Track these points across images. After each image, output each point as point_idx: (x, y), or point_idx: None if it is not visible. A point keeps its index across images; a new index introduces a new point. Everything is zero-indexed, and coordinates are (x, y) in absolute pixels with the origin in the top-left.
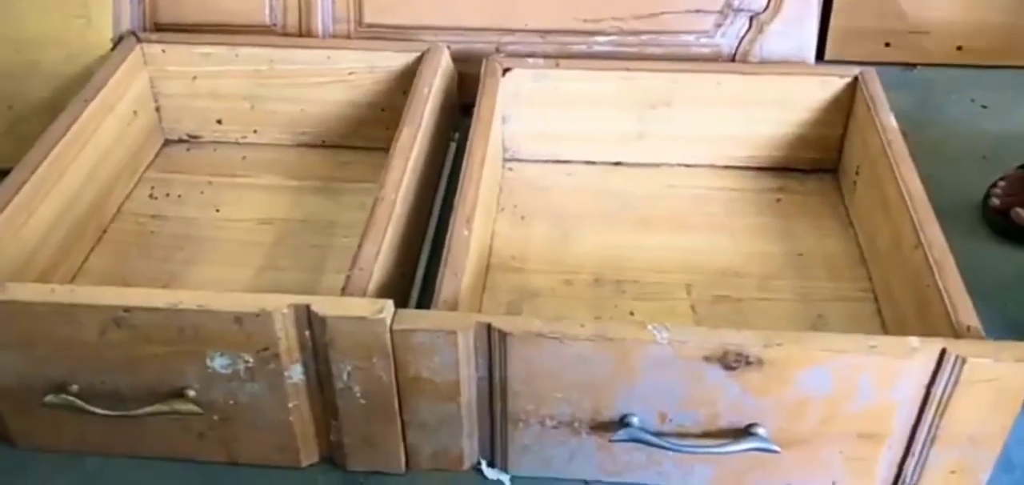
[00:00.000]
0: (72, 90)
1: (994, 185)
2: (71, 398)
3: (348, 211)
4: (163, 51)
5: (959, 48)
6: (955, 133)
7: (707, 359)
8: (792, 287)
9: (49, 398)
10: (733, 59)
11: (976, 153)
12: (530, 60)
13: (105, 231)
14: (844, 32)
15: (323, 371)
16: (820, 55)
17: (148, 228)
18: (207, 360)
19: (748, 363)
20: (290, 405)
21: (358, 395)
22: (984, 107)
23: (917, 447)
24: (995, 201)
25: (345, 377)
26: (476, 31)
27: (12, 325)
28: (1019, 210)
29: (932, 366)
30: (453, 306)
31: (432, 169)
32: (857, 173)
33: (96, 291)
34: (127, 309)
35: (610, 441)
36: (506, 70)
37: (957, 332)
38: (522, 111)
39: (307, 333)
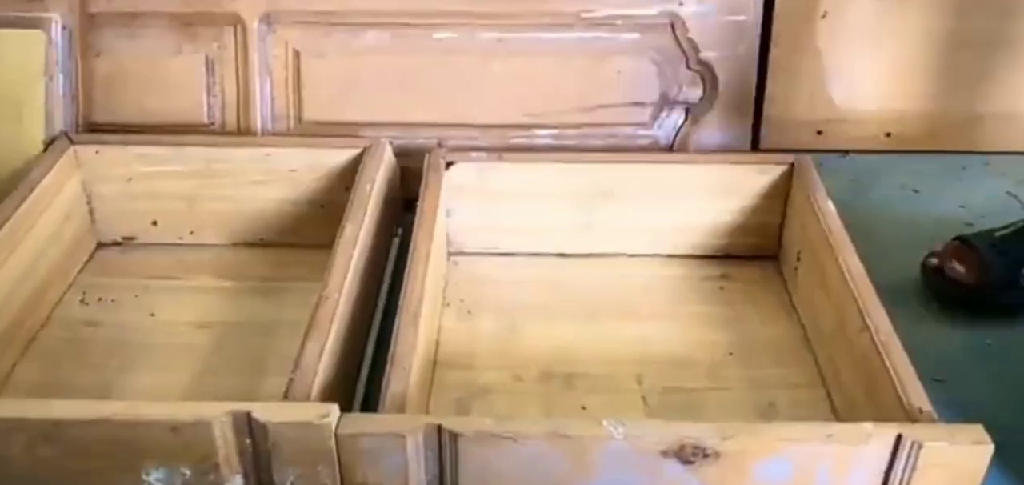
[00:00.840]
0: (2, 194)
1: (932, 253)
2: None
3: (289, 311)
4: (97, 152)
5: (888, 135)
6: (889, 216)
7: (664, 453)
8: (740, 375)
9: None
10: (671, 150)
11: (910, 235)
12: (474, 153)
13: (34, 339)
14: (777, 122)
15: (265, 480)
16: (755, 145)
17: (80, 335)
18: (143, 474)
19: (705, 456)
20: None
21: None
22: (916, 191)
23: None
24: (933, 260)
25: None
26: (417, 126)
27: None
28: (952, 264)
29: (888, 452)
30: (400, 407)
31: (375, 266)
32: (798, 258)
33: (22, 404)
34: (56, 423)
35: None
36: (449, 163)
37: (910, 416)
38: (466, 204)
39: (248, 441)
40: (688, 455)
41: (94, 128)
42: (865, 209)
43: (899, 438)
